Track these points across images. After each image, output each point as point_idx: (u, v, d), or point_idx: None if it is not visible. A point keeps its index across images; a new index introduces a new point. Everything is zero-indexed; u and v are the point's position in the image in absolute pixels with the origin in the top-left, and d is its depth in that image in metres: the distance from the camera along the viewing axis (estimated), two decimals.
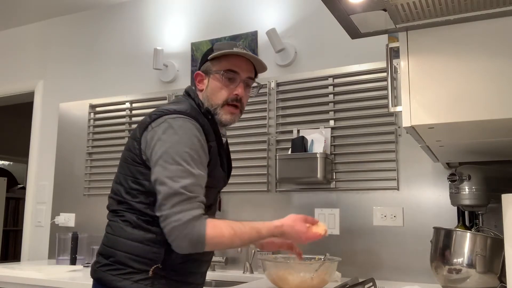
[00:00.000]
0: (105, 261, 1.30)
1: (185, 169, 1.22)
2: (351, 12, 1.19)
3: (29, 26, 3.42)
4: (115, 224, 1.33)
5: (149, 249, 1.27)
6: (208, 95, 1.40)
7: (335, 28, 2.16)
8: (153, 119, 1.30)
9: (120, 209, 1.33)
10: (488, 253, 1.48)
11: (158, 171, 1.23)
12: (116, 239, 1.30)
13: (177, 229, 1.17)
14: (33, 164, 3.18)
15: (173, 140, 1.25)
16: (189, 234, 1.17)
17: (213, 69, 1.41)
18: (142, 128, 1.32)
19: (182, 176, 1.21)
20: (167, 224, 1.19)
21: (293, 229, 1.33)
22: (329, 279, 1.69)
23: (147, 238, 1.27)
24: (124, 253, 1.28)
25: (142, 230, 1.28)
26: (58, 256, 2.65)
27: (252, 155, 2.42)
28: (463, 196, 1.64)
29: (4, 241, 5.08)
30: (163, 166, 1.22)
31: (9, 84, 3.42)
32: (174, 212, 1.18)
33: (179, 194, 1.20)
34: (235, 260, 2.33)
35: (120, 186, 1.34)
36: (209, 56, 1.41)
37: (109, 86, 3.00)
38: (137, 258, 1.27)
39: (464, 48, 1.22)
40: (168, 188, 1.20)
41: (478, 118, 1.18)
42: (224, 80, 1.39)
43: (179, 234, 1.18)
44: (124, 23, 3.02)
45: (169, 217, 1.18)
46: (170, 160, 1.22)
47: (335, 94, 2.27)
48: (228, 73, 1.39)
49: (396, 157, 2.09)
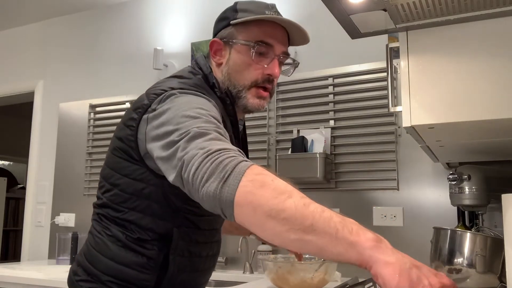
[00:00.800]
0: (85, 276, 1.07)
1: (206, 120, 0.88)
2: (351, 12, 1.19)
3: (29, 26, 3.42)
4: (100, 238, 1.06)
5: (138, 275, 1.02)
6: (230, 72, 1.10)
7: (335, 28, 2.15)
8: (152, 100, 1.00)
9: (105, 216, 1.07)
10: (488, 253, 1.48)
11: (168, 137, 0.88)
12: (98, 257, 1.05)
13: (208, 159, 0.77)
14: (33, 164, 3.18)
15: (182, 103, 0.94)
16: (220, 165, 0.76)
17: (238, 37, 1.09)
18: (139, 112, 1.01)
19: (203, 124, 0.86)
20: (193, 162, 0.79)
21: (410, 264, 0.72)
22: (329, 279, 1.69)
23: (137, 262, 1.02)
24: (107, 276, 1.03)
25: (131, 251, 1.03)
26: (58, 256, 2.65)
27: (252, 155, 2.41)
28: (463, 196, 1.64)
29: (4, 241, 5.08)
30: (176, 130, 0.87)
31: (9, 84, 3.42)
32: (199, 149, 0.80)
33: (203, 133, 0.83)
34: (235, 260, 2.33)
35: (109, 185, 1.06)
36: (233, 21, 1.08)
37: (109, 86, 3.00)
38: (122, 284, 1.02)
39: (464, 48, 1.21)
40: (183, 139, 0.84)
41: (478, 118, 1.18)
42: (255, 55, 1.08)
43: (210, 165, 0.76)
44: (124, 23, 3.02)
45: (192, 156, 0.79)
46: (182, 119, 0.88)
47: (335, 94, 2.27)
48: (261, 46, 1.08)
49: (396, 157, 2.09)
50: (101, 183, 1.10)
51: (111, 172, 1.07)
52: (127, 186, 1.03)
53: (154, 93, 1.02)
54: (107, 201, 1.07)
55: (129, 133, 1.02)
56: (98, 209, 1.11)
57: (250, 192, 0.72)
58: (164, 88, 1.01)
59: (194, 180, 0.78)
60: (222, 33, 1.12)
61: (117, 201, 1.05)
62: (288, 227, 0.70)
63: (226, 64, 1.11)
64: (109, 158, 1.09)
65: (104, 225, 1.07)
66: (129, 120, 1.03)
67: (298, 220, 0.69)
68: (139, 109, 1.02)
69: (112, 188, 1.06)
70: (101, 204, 1.09)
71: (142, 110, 1.01)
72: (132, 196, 1.03)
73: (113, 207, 1.06)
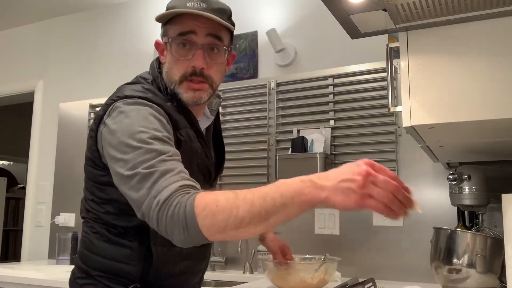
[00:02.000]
0: (80, 274, 1.13)
1: (147, 150, 0.92)
2: (351, 12, 1.19)
3: (29, 26, 3.42)
4: (86, 237, 1.13)
5: (123, 266, 1.07)
6: (166, 70, 1.12)
7: (335, 28, 2.15)
8: (104, 111, 1.05)
9: (89, 219, 1.13)
10: (488, 253, 1.48)
11: (116, 167, 0.94)
12: (88, 256, 1.11)
13: (162, 212, 0.85)
14: (33, 164, 3.17)
15: (123, 124, 0.97)
16: (174, 214, 0.84)
17: (171, 33, 1.11)
18: (96, 123, 1.06)
19: (146, 157, 0.91)
20: (152, 215, 0.86)
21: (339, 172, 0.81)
22: (329, 279, 1.68)
23: (121, 254, 1.07)
24: (97, 271, 1.09)
25: (114, 245, 1.08)
26: (58, 256, 2.65)
27: (252, 155, 2.42)
28: (463, 196, 1.64)
29: (4, 241, 5.09)
30: (122, 160, 0.93)
31: (9, 84, 3.42)
32: (152, 197, 0.86)
33: (151, 174, 0.88)
34: (235, 260, 2.33)
35: (86, 192, 1.13)
36: (156, 17, 1.11)
37: (109, 86, 2.97)
38: (110, 276, 1.07)
39: (464, 48, 1.21)
40: (135, 177, 0.90)
41: (478, 118, 1.18)
42: (178, 49, 1.09)
43: (165, 219, 0.84)
44: (124, 23, 3.02)
45: (149, 206, 0.87)
46: (126, 149, 0.93)
47: (335, 94, 2.27)
48: (179, 39, 1.08)
49: (396, 157, 2.09)
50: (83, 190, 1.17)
51: (86, 180, 1.14)
52: (98, 191, 1.09)
53: (106, 103, 1.07)
54: (87, 206, 1.14)
55: (92, 143, 1.07)
56: (83, 213, 1.17)
57: (211, 225, 0.83)
58: (113, 98, 1.07)
59: (162, 232, 0.87)
60: (161, 33, 1.15)
61: (93, 206, 1.11)
62: (254, 225, 0.82)
63: (165, 64, 1.13)
64: (84, 168, 1.14)
65: (90, 225, 1.14)
66: (91, 131, 1.09)
67: (256, 218, 0.81)
68: (96, 119, 1.07)
69: (89, 194, 1.12)
70: (84, 209, 1.16)
71: (98, 121, 1.06)
72: (103, 200, 1.09)
73: (92, 211, 1.12)
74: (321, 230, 2.18)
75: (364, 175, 0.79)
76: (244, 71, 2.53)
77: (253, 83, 2.45)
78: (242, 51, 2.54)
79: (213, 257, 2.32)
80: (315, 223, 2.20)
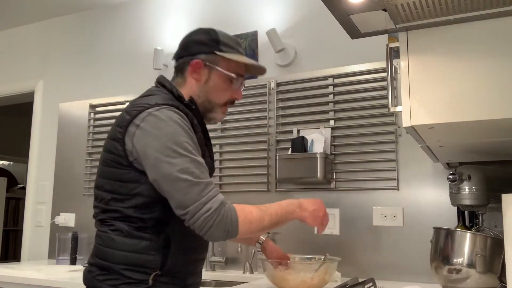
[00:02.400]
0: (99, 271, 1.23)
1: (191, 159, 1.16)
2: (351, 12, 1.19)
3: (29, 26, 3.42)
4: (105, 235, 1.24)
5: (145, 257, 1.19)
6: (209, 90, 1.34)
7: (335, 28, 2.15)
8: (134, 116, 1.20)
9: (108, 218, 1.24)
10: (488, 253, 1.48)
11: (163, 168, 1.14)
12: (108, 251, 1.22)
13: (211, 218, 1.13)
14: (33, 164, 3.18)
15: (168, 132, 1.17)
16: (223, 220, 1.14)
17: (221, 65, 1.34)
18: (123, 127, 1.21)
19: (192, 166, 1.15)
20: (197, 217, 1.13)
21: (312, 204, 1.37)
22: (329, 279, 1.69)
23: (142, 246, 1.20)
24: (120, 265, 1.20)
25: (134, 239, 1.20)
26: (58, 256, 2.65)
27: (252, 155, 2.42)
28: (463, 196, 1.64)
29: (4, 241, 5.09)
30: (168, 162, 1.14)
31: (9, 84, 3.42)
32: (201, 203, 1.13)
33: (198, 183, 1.14)
34: (235, 260, 2.33)
35: (104, 193, 1.24)
36: (220, 53, 1.32)
37: (109, 86, 3.00)
38: (134, 268, 1.19)
39: (464, 48, 1.22)
40: (184, 181, 1.13)
41: (478, 118, 1.18)
42: (231, 83, 1.36)
43: (213, 223, 1.14)
44: (124, 23, 3.02)
45: (197, 210, 1.13)
46: (173, 154, 1.15)
47: (335, 94, 2.27)
48: (238, 78, 1.37)
49: (396, 157, 2.09)
50: (96, 194, 1.28)
51: (104, 181, 1.25)
52: (121, 188, 1.21)
53: (135, 109, 1.22)
54: (106, 206, 1.24)
55: (117, 144, 1.21)
56: (100, 215, 1.27)
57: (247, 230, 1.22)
58: (143, 105, 1.22)
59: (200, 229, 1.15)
60: (203, 56, 1.33)
61: (115, 204, 1.23)
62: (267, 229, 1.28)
63: (205, 84, 1.34)
64: (101, 170, 1.27)
65: (108, 224, 1.24)
66: (115, 134, 1.23)
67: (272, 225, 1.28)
68: (123, 123, 1.22)
69: (108, 194, 1.23)
70: (102, 211, 1.26)
71: (126, 124, 1.21)
72: (126, 195, 1.21)
73: (112, 209, 1.23)
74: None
75: (324, 210, 1.41)
76: None
77: (253, 83, 2.45)
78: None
79: (213, 257, 2.32)
80: None
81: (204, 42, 1.34)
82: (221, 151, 2.49)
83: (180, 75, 1.36)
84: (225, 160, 2.48)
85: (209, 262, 2.32)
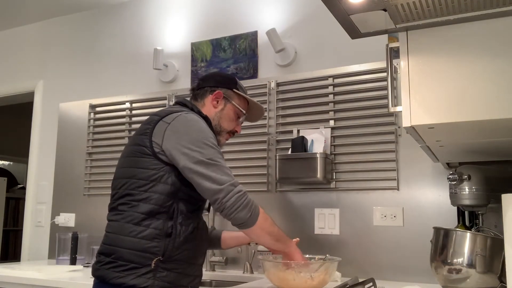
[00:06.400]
0: (107, 259, 1.35)
1: (219, 151, 1.39)
2: (351, 12, 1.19)
3: (29, 26, 3.42)
4: (115, 223, 1.39)
5: (150, 243, 1.33)
6: (220, 116, 1.62)
7: (335, 28, 2.16)
8: (163, 116, 1.41)
9: (120, 204, 1.39)
10: (488, 253, 1.48)
11: (195, 155, 1.33)
12: (117, 237, 1.36)
13: (242, 198, 1.33)
14: (33, 164, 3.18)
15: (197, 129, 1.39)
16: (249, 204, 1.35)
17: (235, 101, 1.65)
18: (152, 123, 1.41)
19: (220, 158, 1.38)
20: (231, 195, 1.32)
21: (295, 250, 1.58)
22: (329, 279, 1.68)
23: (148, 233, 1.34)
24: (126, 249, 1.33)
25: (142, 226, 1.35)
26: (58, 256, 2.65)
27: (252, 155, 2.42)
28: (463, 196, 1.64)
29: (4, 241, 5.09)
30: (199, 152, 1.34)
31: (9, 84, 3.42)
32: (233, 184, 1.34)
33: (228, 169, 1.37)
34: (235, 260, 2.33)
35: (124, 179, 1.41)
36: (237, 91, 1.66)
37: (109, 86, 3.00)
38: (139, 253, 1.32)
39: (464, 48, 1.22)
40: (217, 165, 1.35)
41: (478, 118, 1.18)
42: (238, 117, 1.67)
43: (243, 203, 1.33)
44: (124, 23, 3.02)
45: (231, 189, 1.33)
46: (203, 145, 1.36)
47: (335, 94, 2.27)
48: (243, 115, 1.69)
49: (396, 157, 2.09)
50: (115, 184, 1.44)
51: (127, 170, 1.41)
52: (142, 173, 1.38)
53: (163, 112, 1.44)
54: (123, 191, 1.40)
55: (144, 137, 1.40)
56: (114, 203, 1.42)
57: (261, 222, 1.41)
58: (171, 111, 1.44)
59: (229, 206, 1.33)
60: (224, 90, 1.64)
61: (133, 187, 1.38)
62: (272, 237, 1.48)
63: (221, 111, 1.63)
64: (122, 161, 1.46)
65: (119, 211, 1.39)
66: (143, 130, 1.43)
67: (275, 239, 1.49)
68: (152, 122, 1.42)
69: (129, 180, 1.39)
70: (117, 197, 1.41)
71: (156, 121, 1.41)
72: (146, 180, 1.37)
73: (128, 193, 1.39)
74: (321, 230, 2.18)
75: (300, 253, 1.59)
76: (244, 71, 2.53)
77: (253, 83, 2.45)
78: (242, 51, 2.55)
79: (213, 257, 2.32)
80: (315, 223, 2.20)
81: (225, 79, 1.67)
82: (221, 151, 2.48)
83: (200, 100, 1.64)
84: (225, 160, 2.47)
85: (209, 262, 2.32)
